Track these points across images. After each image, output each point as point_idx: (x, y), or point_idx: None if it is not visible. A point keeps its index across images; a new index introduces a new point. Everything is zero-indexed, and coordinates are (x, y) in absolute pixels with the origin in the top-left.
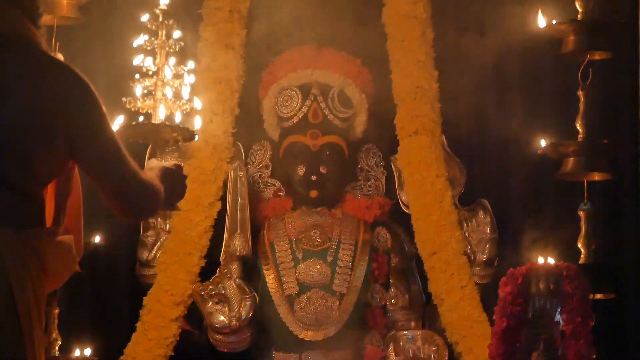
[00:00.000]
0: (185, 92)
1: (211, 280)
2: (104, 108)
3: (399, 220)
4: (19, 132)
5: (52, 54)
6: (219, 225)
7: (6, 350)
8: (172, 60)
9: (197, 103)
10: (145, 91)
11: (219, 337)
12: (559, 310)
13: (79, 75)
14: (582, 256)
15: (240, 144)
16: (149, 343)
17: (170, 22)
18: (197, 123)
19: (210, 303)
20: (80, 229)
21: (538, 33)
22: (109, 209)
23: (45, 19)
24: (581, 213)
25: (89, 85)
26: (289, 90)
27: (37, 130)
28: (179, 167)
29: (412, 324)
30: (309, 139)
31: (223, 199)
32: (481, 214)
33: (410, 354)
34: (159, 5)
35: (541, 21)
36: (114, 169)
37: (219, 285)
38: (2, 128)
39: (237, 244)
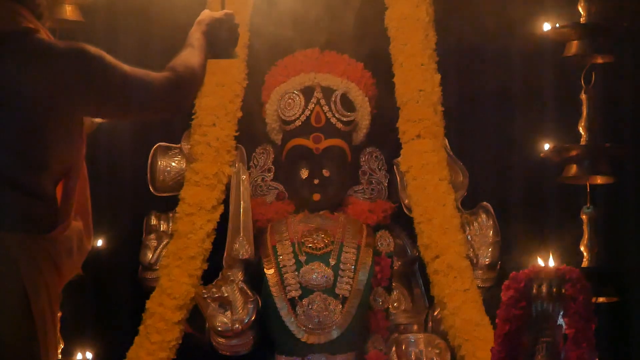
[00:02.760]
0: None
1: (214, 283)
2: (106, 60)
3: (401, 223)
4: (33, 132)
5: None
6: (221, 228)
7: (21, 355)
8: None
9: None
10: None
11: (221, 340)
12: (561, 313)
13: (73, 48)
14: (584, 259)
15: (242, 148)
16: (151, 346)
17: None
18: None
19: (213, 306)
20: (89, 211)
21: (541, 36)
22: (115, 209)
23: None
24: (584, 216)
25: (85, 52)
26: (291, 93)
27: (49, 125)
28: (228, 16)
29: (415, 327)
30: (312, 142)
31: (226, 203)
32: (484, 217)
33: (413, 357)
34: None
35: (544, 25)
36: (140, 101)
37: (222, 288)
38: (15, 130)
39: (239, 247)
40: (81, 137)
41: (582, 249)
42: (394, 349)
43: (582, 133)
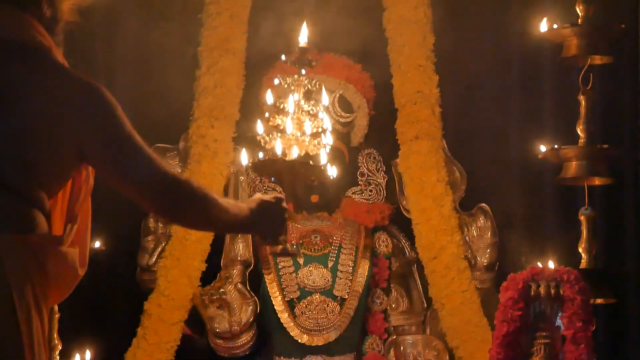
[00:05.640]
0: (308, 127)
1: (212, 285)
2: (118, 111)
3: (399, 224)
4: (24, 138)
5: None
6: None
7: (5, 356)
8: (296, 95)
9: (328, 138)
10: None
11: (219, 341)
12: (559, 314)
13: (91, 84)
14: (582, 261)
15: (240, 149)
16: (149, 347)
17: (310, 60)
18: (322, 159)
19: (211, 308)
20: (87, 242)
21: (539, 37)
22: (113, 211)
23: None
24: (582, 218)
25: (98, 92)
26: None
27: (42, 138)
28: (278, 199)
29: (413, 328)
30: None
31: None
32: (482, 218)
33: (411, 359)
34: (300, 43)
35: (542, 26)
36: (133, 170)
37: (220, 290)
38: (8, 133)
39: (237, 248)
40: (84, 169)
41: (580, 250)
42: (392, 350)
43: (580, 134)
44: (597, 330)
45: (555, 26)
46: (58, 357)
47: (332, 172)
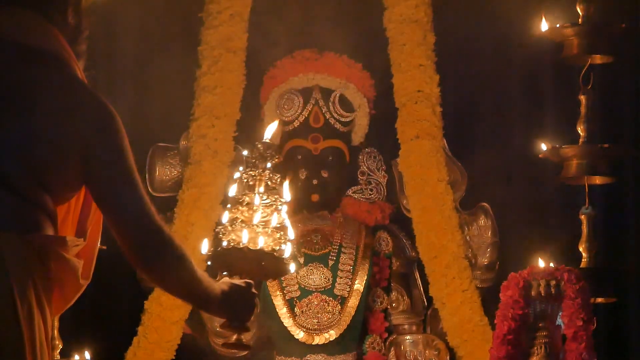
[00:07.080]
0: (275, 220)
1: None
2: (125, 141)
3: (400, 224)
4: (30, 142)
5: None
6: None
7: (5, 355)
8: (261, 189)
9: (291, 233)
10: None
11: (219, 341)
12: (560, 314)
13: (104, 104)
14: (583, 260)
15: (241, 148)
16: (150, 346)
17: (273, 154)
18: (287, 251)
19: None
20: (93, 256)
21: (539, 37)
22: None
23: None
24: (582, 217)
25: (113, 116)
26: (290, 94)
27: (48, 145)
28: (248, 285)
29: (414, 328)
30: (310, 143)
31: (224, 203)
32: (482, 218)
33: (412, 358)
34: (263, 138)
35: (542, 25)
36: (123, 201)
37: None
38: (18, 136)
39: None
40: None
41: (580, 249)
42: (392, 349)
43: (581, 133)
44: (597, 329)
45: (556, 25)
46: (59, 357)
47: (292, 268)
